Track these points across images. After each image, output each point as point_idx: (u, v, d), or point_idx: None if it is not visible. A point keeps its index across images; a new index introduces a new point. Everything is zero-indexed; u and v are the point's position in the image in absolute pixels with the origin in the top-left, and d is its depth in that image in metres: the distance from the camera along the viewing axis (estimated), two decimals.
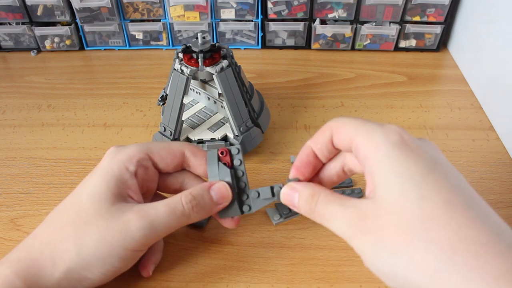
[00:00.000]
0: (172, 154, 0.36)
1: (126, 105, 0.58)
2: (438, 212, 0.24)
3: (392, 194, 0.26)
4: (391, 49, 0.68)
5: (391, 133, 0.27)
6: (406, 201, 0.25)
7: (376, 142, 0.27)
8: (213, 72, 0.45)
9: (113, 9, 0.65)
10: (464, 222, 0.24)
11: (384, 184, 0.26)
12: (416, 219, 0.24)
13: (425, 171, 0.26)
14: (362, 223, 0.27)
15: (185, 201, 0.33)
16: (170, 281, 0.37)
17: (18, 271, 0.30)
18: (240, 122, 0.46)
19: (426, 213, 0.24)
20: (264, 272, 0.37)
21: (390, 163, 0.26)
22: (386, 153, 0.27)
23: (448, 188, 0.25)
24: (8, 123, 0.55)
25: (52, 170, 0.48)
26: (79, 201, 0.33)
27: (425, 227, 0.24)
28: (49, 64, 0.67)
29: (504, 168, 0.47)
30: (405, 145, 0.27)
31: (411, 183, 0.25)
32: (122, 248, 0.31)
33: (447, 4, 0.63)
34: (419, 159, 0.26)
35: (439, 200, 0.24)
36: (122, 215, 0.31)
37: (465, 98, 0.58)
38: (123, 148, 0.35)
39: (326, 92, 0.60)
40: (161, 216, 0.32)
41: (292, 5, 0.64)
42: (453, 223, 0.24)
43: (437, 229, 0.24)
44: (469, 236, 0.23)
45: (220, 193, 0.34)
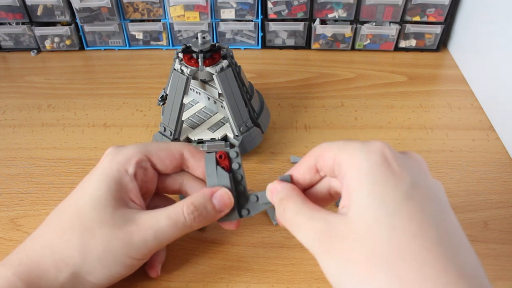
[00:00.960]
0: (171, 156, 0.36)
1: (126, 105, 0.58)
2: (406, 246, 0.24)
3: (364, 218, 0.25)
4: (391, 49, 0.68)
5: (373, 152, 0.27)
6: (377, 229, 0.25)
7: (357, 160, 0.27)
8: (213, 72, 0.45)
9: (113, 9, 0.65)
10: (429, 259, 0.23)
11: (358, 204, 0.26)
12: (384, 251, 0.24)
13: (401, 199, 0.25)
14: (330, 241, 0.26)
15: (186, 213, 0.32)
16: (170, 281, 0.37)
17: (20, 274, 0.30)
18: (240, 122, 0.46)
19: (394, 246, 0.24)
20: (264, 272, 0.37)
21: (368, 185, 0.26)
22: (366, 172, 0.26)
23: (421, 220, 0.25)
24: (8, 123, 0.55)
25: (52, 170, 0.48)
26: (80, 204, 0.32)
27: (391, 261, 0.24)
28: (49, 64, 0.67)
29: (504, 168, 0.47)
30: (386, 166, 0.26)
31: (385, 210, 0.25)
32: (127, 256, 0.31)
33: (447, 4, 0.63)
34: (397, 184, 0.26)
35: (409, 233, 0.24)
36: (125, 225, 0.31)
37: (465, 98, 0.58)
38: (121, 149, 0.35)
39: (326, 92, 0.60)
40: (163, 229, 0.32)
41: (292, 5, 0.64)
42: (418, 260, 0.23)
43: (402, 265, 0.23)
44: (431, 276, 0.23)
45: (222, 201, 0.34)
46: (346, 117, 0.55)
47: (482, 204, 0.43)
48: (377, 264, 0.24)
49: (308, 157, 0.31)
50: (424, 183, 0.27)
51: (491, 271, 0.37)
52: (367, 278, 0.24)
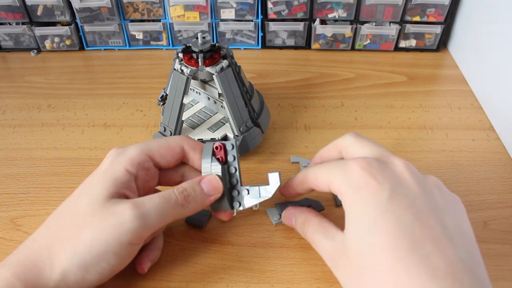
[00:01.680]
0: (172, 151, 0.36)
1: (126, 105, 0.58)
2: (383, 259, 0.28)
3: (352, 237, 0.30)
4: (391, 49, 0.68)
5: (352, 175, 0.31)
6: (361, 247, 0.29)
7: (343, 187, 0.31)
8: (213, 72, 0.45)
9: (113, 9, 0.65)
10: (403, 268, 0.27)
11: (349, 225, 0.31)
12: (367, 266, 0.29)
13: (376, 215, 0.29)
14: (336, 257, 0.32)
15: (177, 192, 0.34)
16: (170, 281, 0.37)
17: (18, 274, 0.30)
18: (240, 122, 0.46)
19: (373, 260, 0.28)
20: (264, 272, 0.37)
21: (351, 205, 0.30)
22: (348, 197, 0.31)
23: (395, 233, 0.28)
24: (8, 123, 0.55)
25: (52, 170, 0.48)
26: (77, 203, 0.33)
27: (373, 274, 0.28)
28: (49, 64, 0.67)
29: (504, 168, 0.47)
30: (364, 187, 0.30)
31: (364, 228, 0.29)
32: (117, 242, 0.31)
33: (447, 4, 0.63)
34: (375, 200, 0.29)
35: (385, 246, 0.28)
36: (116, 207, 0.32)
37: (465, 98, 0.58)
38: (123, 150, 0.35)
39: (326, 92, 0.60)
40: (155, 205, 0.32)
41: (292, 5, 0.64)
42: (393, 271, 0.27)
43: (380, 276, 0.28)
44: (404, 283, 0.26)
45: (211, 185, 0.35)
46: (346, 117, 0.55)
47: (482, 204, 0.43)
48: (363, 278, 0.29)
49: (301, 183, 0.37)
50: (403, 191, 0.30)
51: (491, 271, 0.37)
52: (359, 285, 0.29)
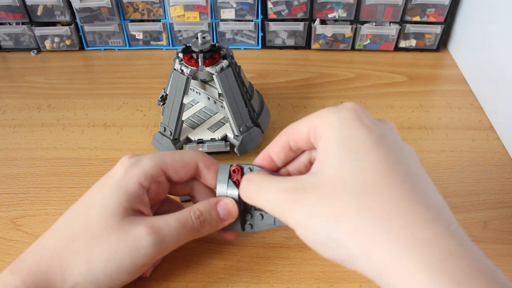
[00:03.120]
0: (186, 167, 0.36)
1: (126, 105, 0.58)
2: (374, 184, 0.25)
3: (334, 167, 0.27)
4: (391, 49, 0.68)
5: (344, 110, 0.28)
6: (347, 173, 0.26)
7: (331, 120, 0.28)
8: (213, 72, 0.45)
9: (113, 9, 0.65)
10: (397, 193, 0.25)
11: (329, 158, 0.27)
12: (353, 189, 0.25)
13: (370, 146, 0.26)
14: (299, 195, 0.27)
15: (194, 217, 0.33)
16: (170, 281, 0.37)
17: (29, 283, 0.30)
18: (240, 122, 0.46)
19: (363, 184, 0.25)
20: (264, 272, 0.37)
21: (339, 138, 0.27)
22: (338, 128, 0.28)
23: (389, 162, 0.26)
24: (8, 123, 0.55)
25: (52, 170, 0.48)
26: (89, 213, 0.32)
27: (361, 196, 0.25)
28: (49, 64, 0.67)
29: (504, 168, 0.47)
30: (357, 120, 0.27)
31: (354, 156, 0.26)
32: (132, 263, 0.31)
33: (447, 4, 0.63)
34: (367, 134, 0.27)
35: (377, 173, 0.26)
36: (133, 229, 0.31)
37: (465, 98, 0.58)
38: (137, 160, 0.34)
39: (326, 92, 0.60)
40: (172, 231, 0.32)
41: (292, 5, 0.64)
42: (387, 194, 0.25)
43: (372, 198, 0.25)
44: (400, 207, 0.24)
45: (227, 210, 0.34)
46: None
47: (482, 204, 0.43)
48: (347, 201, 0.25)
49: (280, 136, 0.33)
50: (392, 138, 0.28)
51: None
52: (338, 215, 0.25)
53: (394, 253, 0.23)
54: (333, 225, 0.25)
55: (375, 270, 0.24)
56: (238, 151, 0.47)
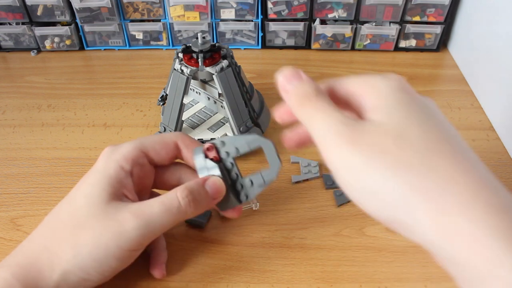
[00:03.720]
0: (166, 147, 0.36)
1: (126, 105, 0.58)
2: (440, 147, 0.24)
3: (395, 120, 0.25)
4: (391, 49, 0.68)
5: (394, 80, 0.26)
6: (412, 129, 0.24)
7: (379, 86, 0.26)
8: (213, 72, 0.45)
9: (113, 9, 0.65)
10: (461, 161, 0.24)
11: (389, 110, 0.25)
12: (420, 145, 0.24)
13: (428, 113, 0.25)
14: (358, 135, 0.24)
15: (181, 197, 0.32)
16: (170, 281, 0.37)
17: (18, 275, 0.30)
18: (240, 122, 0.46)
19: (429, 144, 0.24)
20: (264, 272, 0.37)
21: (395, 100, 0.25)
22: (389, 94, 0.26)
23: (447, 131, 0.25)
24: (8, 123, 0.55)
25: (52, 170, 0.48)
26: (74, 203, 0.33)
27: (429, 156, 0.23)
28: (49, 64, 0.67)
29: (504, 168, 0.47)
30: (407, 91, 0.26)
31: (418, 117, 0.25)
32: (118, 248, 0.31)
33: (447, 4, 0.63)
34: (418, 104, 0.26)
35: (441, 138, 0.24)
36: (117, 214, 0.31)
37: (465, 98, 0.58)
38: (117, 147, 0.35)
39: None
40: (157, 214, 0.32)
41: (292, 5, 0.64)
42: (453, 159, 0.23)
43: (439, 160, 0.23)
44: (467, 172, 0.23)
45: (214, 188, 0.34)
46: None
47: None
48: (414, 156, 0.23)
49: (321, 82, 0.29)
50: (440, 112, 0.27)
51: None
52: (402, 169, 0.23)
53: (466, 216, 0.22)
54: (395, 179, 0.23)
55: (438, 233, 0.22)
56: None
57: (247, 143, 0.35)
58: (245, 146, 0.35)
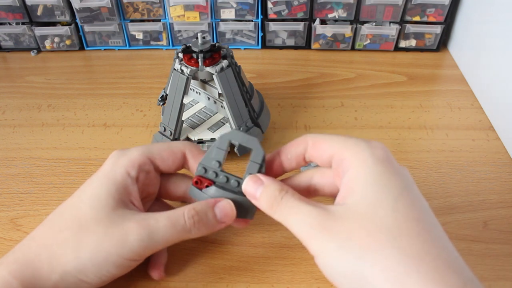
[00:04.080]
0: (173, 156, 0.36)
1: (126, 105, 0.58)
2: (408, 226, 0.26)
3: (367, 201, 0.27)
4: (391, 49, 0.68)
5: (377, 148, 0.29)
6: (381, 210, 0.27)
7: (363, 155, 0.29)
8: (213, 72, 0.45)
9: (113, 9, 0.65)
10: (429, 239, 0.26)
11: (361, 192, 0.28)
12: (388, 227, 0.26)
13: (402, 189, 0.28)
14: (329, 223, 0.27)
15: (187, 216, 0.32)
16: (170, 281, 0.37)
17: (15, 272, 0.30)
18: (240, 122, 0.46)
19: (398, 224, 0.26)
20: (264, 272, 0.37)
21: (373, 175, 0.28)
22: (371, 165, 0.28)
23: (419, 207, 0.27)
24: (8, 123, 0.55)
25: (52, 170, 0.48)
26: (78, 205, 0.33)
27: (395, 236, 0.25)
28: (49, 64, 0.67)
29: (504, 168, 0.47)
30: (389, 162, 0.29)
31: (389, 195, 0.27)
32: (119, 256, 0.31)
33: (447, 4, 0.63)
34: (398, 177, 0.28)
35: (411, 216, 0.26)
36: (122, 223, 0.31)
37: (465, 98, 0.58)
38: (125, 152, 0.35)
39: (326, 92, 0.60)
40: (161, 229, 0.31)
41: (292, 5, 0.64)
42: (420, 238, 0.25)
43: (406, 240, 0.25)
44: (433, 252, 0.25)
45: (224, 212, 0.33)
46: (346, 117, 0.55)
47: (482, 204, 0.43)
48: (381, 239, 0.25)
49: (297, 145, 0.33)
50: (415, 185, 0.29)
51: (491, 271, 0.37)
52: (369, 251, 0.25)
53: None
54: (364, 262, 0.25)
55: None
56: (238, 151, 0.47)
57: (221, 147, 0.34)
58: (221, 152, 0.34)
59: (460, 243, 0.39)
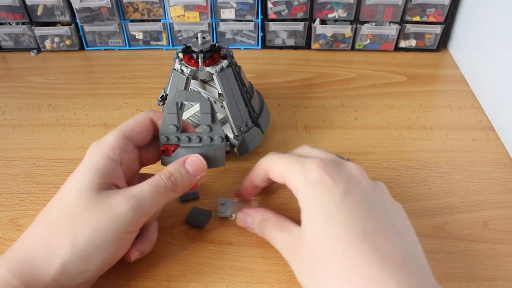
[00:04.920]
0: (144, 126, 0.37)
1: (126, 105, 0.58)
2: (336, 247, 0.29)
3: (308, 229, 0.32)
4: (391, 49, 0.68)
5: (309, 171, 0.33)
6: (316, 237, 0.31)
7: (299, 183, 0.33)
8: (213, 72, 0.45)
9: (113, 9, 0.65)
10: (354, 256, 0.29)
11: (304, 219, 0.32)
12: (320, 254, 0.30)
13: (334, 208, 0.31)
14: (293, 248, 0.33)
15: (165, 178, 0.35)
16: (170, 281, 0.37)
17: (14, 270, 0.30)
18: (240, 122, 0.46)
19: (327, 249, 0.30)
20: (264, 272, 0.37)
21: (308, 202, 0.32)
22: (305, 193, 0.32)
23: (349, 223, 0.30)
24: (8, 123, 0.55)
25: (52, 170, 0.48)
26: (65, 196, 0.33)
27: (326, 261, 0.30)
28: (49, 64, 0.67)
29: (504, 168, 0.47)
30: (321, 183, 0.32)
31: (320, 220, 0.31)
32: (116, 231, 0.32)
33: (447, 4, 0.63)
34: (330, 195, 0.31)
35: (339, 236, 0.30)
36: (110, 201, 0.32)
37: (465, 98, 0.58)
38: (102, 140, 0.36)
39: (326, 92, 0.60)
40: (147, 194, 0.33)
41: (292, 5, 0.64)
42: (345, 257, 0.29)
43: (333, 263, 0.29)
44: (357, 269, 0.28)
45: (195, 165, 0.37)
46: (346, 117, 0.55)
47: (482, 204, 0.43)
48: (317, 264, 0.30)
49: (257, 171, 0.38)
50: (356, 189, 0.32)
51: (491, 271, 0.37)
52: (312, 275, 0.31)
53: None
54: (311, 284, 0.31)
55: None
56: (238, 151, 0.47)
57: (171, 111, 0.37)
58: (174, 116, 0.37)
59: (460, 243, 0.39)
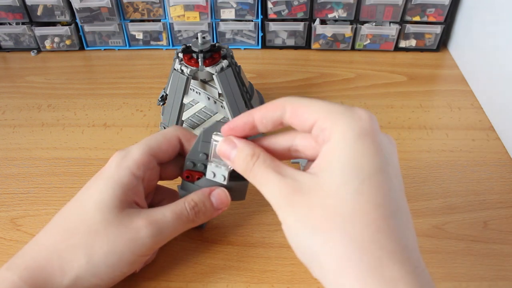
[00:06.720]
0: (171, 145, 0.37)
1: (126, 105, 0.58)
2: (366, 211, 0.25)
3: (335, 180, 0.26)
4: (391, 49, 0.68)
5: (361, 120, 0.27)
6: (344, 191, 0.26)
7: (344, 128, 0.27)
8: (213, 72, 0.45)
9: (113, 9, 0.65)
10: (382, 228, 0.25)
11: (333, 168, 0.27)
12: (344, 211, 0.25)
13: (374, 170, 0.26)
14: (295, 195, 0.27)
15: (189, 208, 0.34)
16: (170, 281, 0.37)
17: (26, 278, 0.30)
18: None
19: (355, 210, 0.25)
20: (264, 272, 0.37)
21: (349, 151, 0.27)
22: (349, 141, 0.27)
23: (385, 192, 0.26)
24: (8, 123, 0.55)
25: (52, 170, 0.48)
26: (85, 208, 0.33)
27: (349, 221, 0.25)
28: (49, 64, 0.67)
29: (504, 168, 0.47)
30: (370, 138, 0.27)
31: (357, 176, 0.26)
32: (132, 254, 0.32)
33: (447, 4, 0.63)
34: (375, 156, 0.27)
35: (373, 202, 0.25)
36: (131, 222, 0.32)
37: (465, 98, 0.58)
38: (128, 153, 0.35)
39: (326, 92, 0.60)
40: (169, 222, 0.33)
41: (292, 5, 0.64)
42: (373, 226, 0.25)
43: (358, 227, 0.25)
44: (381, 241, 0.25)
45: (220, 199, 0.36)
46: None
47: (482, 204, 0.43)
48: (335, 222, 0.25)
49: (273, 110, 0.30)
50: (395, 162, 0.28)
51: (491, 271, 0.37)
52: (321, 232, 0.26)
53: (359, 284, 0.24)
54: (315, 240, 0.26)
55: None
56: None
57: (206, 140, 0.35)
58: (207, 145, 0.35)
59: (460, 243, 0.39)
